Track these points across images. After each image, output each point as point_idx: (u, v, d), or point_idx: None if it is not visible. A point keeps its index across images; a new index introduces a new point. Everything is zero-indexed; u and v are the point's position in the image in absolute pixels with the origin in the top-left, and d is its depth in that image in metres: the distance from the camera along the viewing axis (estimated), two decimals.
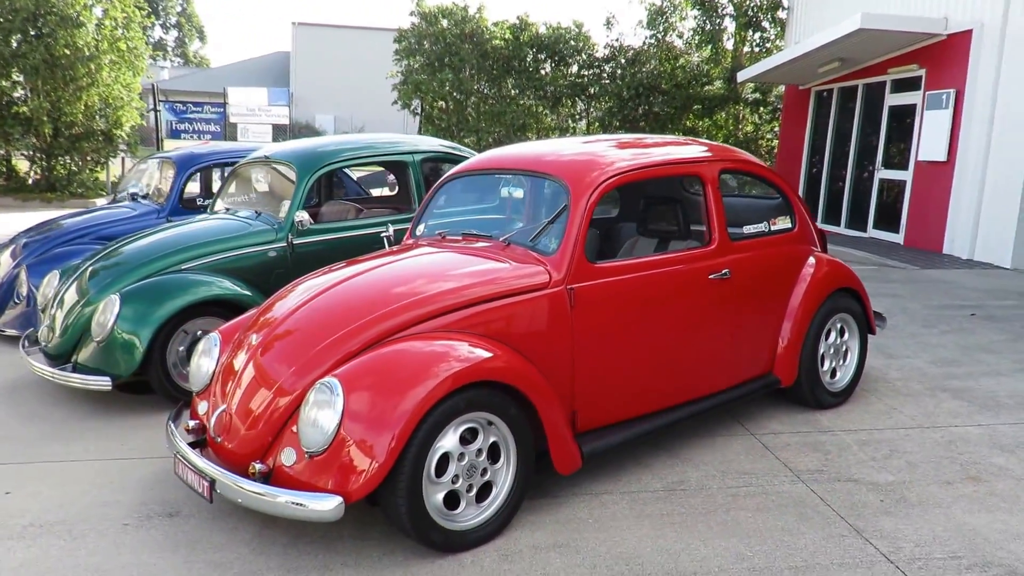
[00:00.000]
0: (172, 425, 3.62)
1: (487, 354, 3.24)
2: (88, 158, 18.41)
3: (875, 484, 3.84)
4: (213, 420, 3.34)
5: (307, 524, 3.36)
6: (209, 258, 5.13)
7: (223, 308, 4.92)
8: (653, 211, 4.66)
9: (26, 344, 5.43)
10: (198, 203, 7.53)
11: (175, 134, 23.14)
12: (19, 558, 3.15)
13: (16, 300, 6.51)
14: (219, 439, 3.32)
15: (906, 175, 12.75)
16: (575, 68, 19.55)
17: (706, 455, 4.16)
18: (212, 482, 3.14)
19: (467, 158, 6.87)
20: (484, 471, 3.24)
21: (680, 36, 19.55)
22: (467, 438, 3.18)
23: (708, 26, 18.98)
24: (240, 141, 22.24)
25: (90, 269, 5.20)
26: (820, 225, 5.91)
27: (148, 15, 20.80)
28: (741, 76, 16.50)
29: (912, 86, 12.86)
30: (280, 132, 21.77)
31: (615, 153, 4.10)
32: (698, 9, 18.93)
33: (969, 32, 11.33)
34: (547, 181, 3.99)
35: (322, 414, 2.99)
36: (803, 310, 4.62)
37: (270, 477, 3.10)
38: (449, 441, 3.10)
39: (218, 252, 5.17)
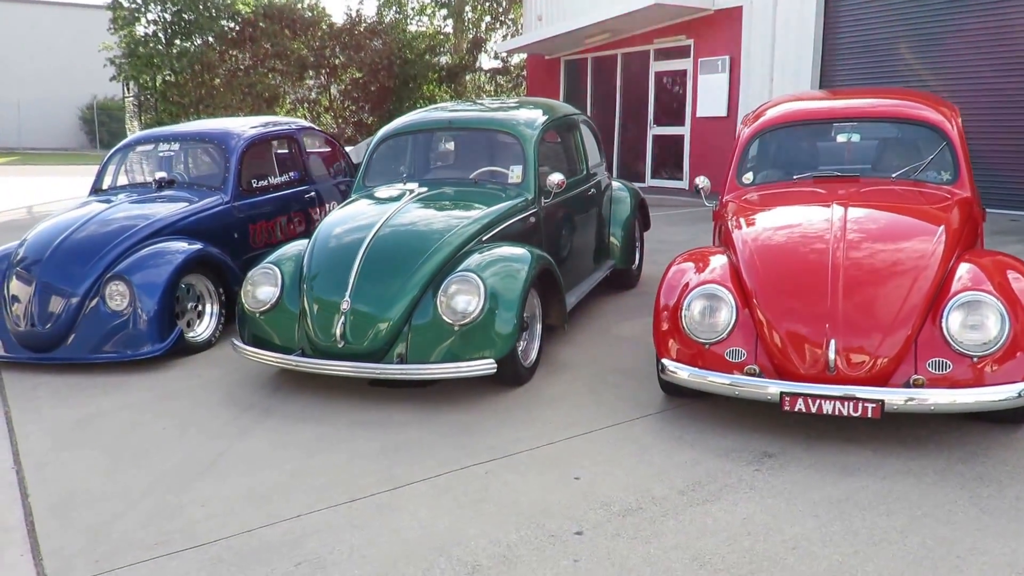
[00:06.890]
0: (730, 376, 3.80)
1: None
2: None
3: None
4: (832, 356, 3.62)
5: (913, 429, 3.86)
6: (495, 229, 4.91)
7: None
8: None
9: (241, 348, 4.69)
10: (253, 185, 6.60)
11: None
12: (749, 510, 3.22)
13: (116, 315, 5.28)
14: (833, 371, 3.63)
15: (683, 130, 15.03)
16: (311, 40, 18.94)
17: None
18: (881, 403, 3.51)
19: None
20: None
21: (413, 8, 20.04)
22: None
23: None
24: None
25: (361, 258, 4.56)
26: None
27: None
28: (502, 48, 17.63)
29: (680, 54, 15.09)
30: None
31: (929, 99, 5.01)
32: None
33: (739, 8, 13.72)
34: (911, 126, 4.77)
35: (984, 322, 3.54)
36: None
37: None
38: None
39: (498, 223, 4.96)
